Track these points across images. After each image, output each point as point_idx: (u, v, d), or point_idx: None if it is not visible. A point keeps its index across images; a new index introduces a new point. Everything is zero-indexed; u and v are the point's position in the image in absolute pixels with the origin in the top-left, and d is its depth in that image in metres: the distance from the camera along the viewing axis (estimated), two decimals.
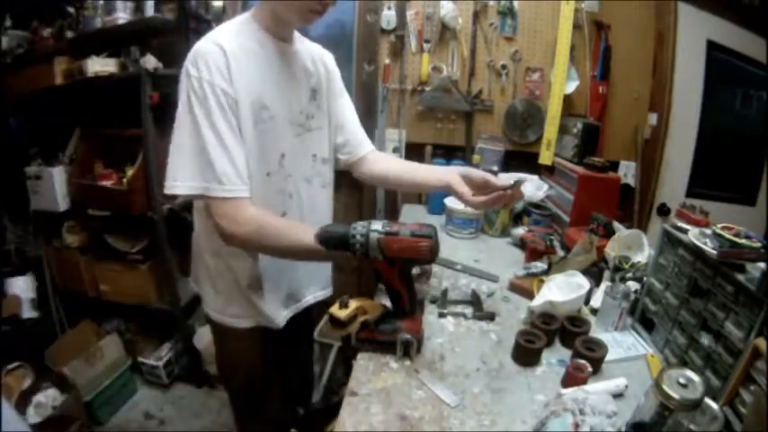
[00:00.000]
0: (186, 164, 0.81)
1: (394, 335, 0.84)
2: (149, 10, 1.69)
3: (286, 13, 0.88)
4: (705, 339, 0.81)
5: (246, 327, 1.03)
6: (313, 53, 1.04)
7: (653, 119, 1.92)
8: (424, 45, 1.90)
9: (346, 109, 1.13)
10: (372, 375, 0.81)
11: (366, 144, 1.15)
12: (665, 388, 0.60)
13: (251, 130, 0.87)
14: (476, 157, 1.88)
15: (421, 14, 1.88)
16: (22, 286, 1.98)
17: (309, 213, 1.03)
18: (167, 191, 0.82)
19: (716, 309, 0.80)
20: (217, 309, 1.04)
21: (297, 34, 1.00)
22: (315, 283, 1.14)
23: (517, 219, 1.70)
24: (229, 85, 0.81)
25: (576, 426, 0.63)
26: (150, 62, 1.69)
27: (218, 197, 0.81)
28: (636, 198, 1.96)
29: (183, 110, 0.81)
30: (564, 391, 0.75)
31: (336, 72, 1.11)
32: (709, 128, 1.92)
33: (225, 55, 0.81)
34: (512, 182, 0.92)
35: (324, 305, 1.15)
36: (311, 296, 1.14)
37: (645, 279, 1.07)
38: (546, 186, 1.74)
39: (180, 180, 0.81)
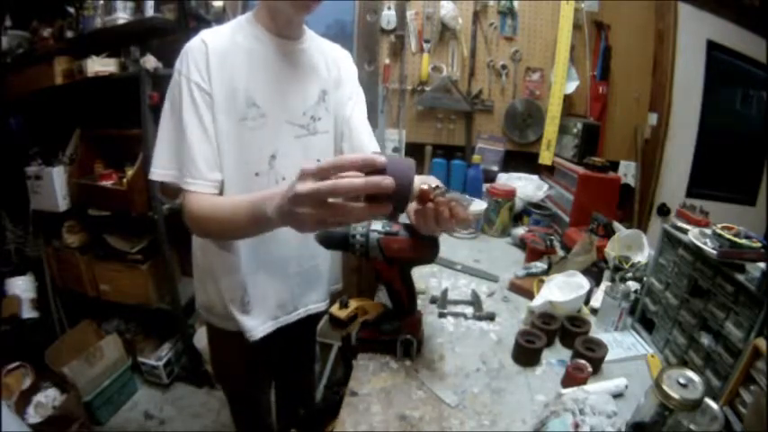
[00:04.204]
0: (161, 152, 0.86)
1: (394, 335, 0.84)
2: (149, 10, 1.68)
3: (280, 5, 0.86)
4: (705, 339, 0.81)
5: (232, 330, 0.99)
6: (327, 53, 1.01)
7: (653, 119, 1.92)
8: (424, 45, 1.89)
9: (356, 113, 1.06)
10: (372, 375, 0.81)
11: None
12: (665, 388, 0.59)
13: (234, 127, 0.86)
14: (476, 157, 1.87)
15: (421, 14, 1.87)
16: (22, 286, 1.98)
17: None
18: (149, 176, 0.88)
19: (716, 309, 0.80)
20: (204, 306, 1.04)
21: (311, 33, 0.98)
22: (309, 295, 1.08)
23: (517, 219, 1.70)
24: (205, 80, 0.82)
25: (576, 426, 0.63)
26: (150, 62, 1.69)
27: (184, 188, 0.84)
28: (636, 198, 1.96)
29: (165, 101, 0.86)
30: (564, 391, 0.75)
31: (351, 73, 1.07)
32: (709, 128, 1.92)
33: (206, 50, 0.82)
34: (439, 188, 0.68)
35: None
36: (303, 309, 1.08)
37: (645, 279, 1.06)
38: (546, 186, 1.74)
39: (156, 167, 0.86)
